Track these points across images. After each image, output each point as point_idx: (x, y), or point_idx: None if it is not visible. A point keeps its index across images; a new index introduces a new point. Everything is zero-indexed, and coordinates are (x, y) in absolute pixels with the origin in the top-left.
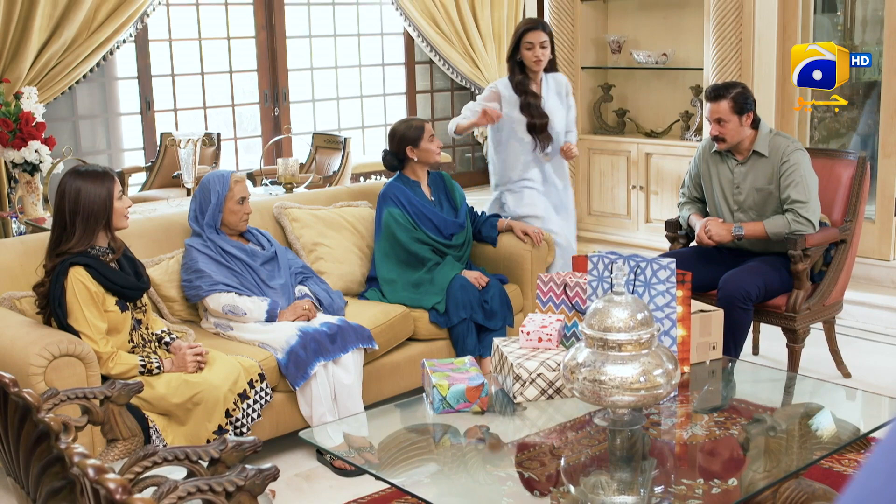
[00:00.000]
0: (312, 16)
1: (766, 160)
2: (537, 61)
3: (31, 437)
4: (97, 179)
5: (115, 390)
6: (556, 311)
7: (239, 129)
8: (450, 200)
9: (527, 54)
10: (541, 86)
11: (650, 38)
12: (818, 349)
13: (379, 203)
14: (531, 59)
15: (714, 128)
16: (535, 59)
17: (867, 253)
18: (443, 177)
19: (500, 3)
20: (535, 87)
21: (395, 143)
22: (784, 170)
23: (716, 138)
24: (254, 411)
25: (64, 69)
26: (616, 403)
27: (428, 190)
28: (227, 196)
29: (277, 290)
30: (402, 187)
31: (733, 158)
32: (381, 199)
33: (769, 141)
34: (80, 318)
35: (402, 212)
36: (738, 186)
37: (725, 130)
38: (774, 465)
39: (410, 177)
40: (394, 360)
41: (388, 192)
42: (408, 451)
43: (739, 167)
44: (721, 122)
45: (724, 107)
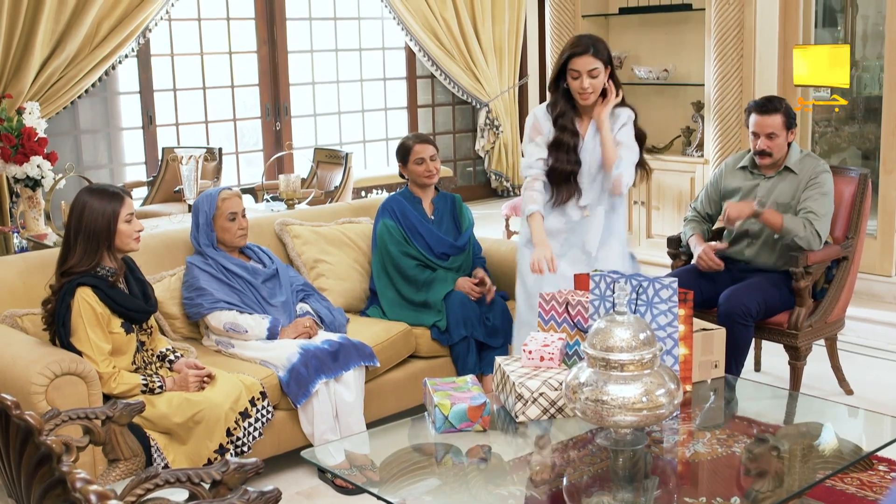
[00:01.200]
0: (314, 30)
1: (794, 177)
2: (584, 94)
3: (32, 459)
4: (104, 198)
5: (116, 410)
6: (557, 330)
7: (240, 144)
8: (455, 222)
9: (573, 84)
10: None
11: (651, 54)
12: (820, 365)
13: (377, 214)
14: (577, 91)
15: (763, 142)
16: (580, 90)
17: (869, 269)
18: (454, 199)
19: (501, 18)
20: (579, 123)
21: (397, 158)
22: (810, 184)
23: (762, 153)
24: (255, 430)
25: (66, 84)
26: (618, 423)
27: (430, 208)
28: (216, 215)
29: (279, 308)
30: (402, 201)
31: (759, 173)
32: (379, 210)
33: (800, 159)
34: (84, 339)
35: (395, 224)
36: (762, 202)
37: (774, 145)
38: (777, 484)
39: (414, 192)
40: (395, 377)
41: (386, 203)
42: (409, 470)
43: (765, 181)
44: (772, 136)
45: (778, 121)
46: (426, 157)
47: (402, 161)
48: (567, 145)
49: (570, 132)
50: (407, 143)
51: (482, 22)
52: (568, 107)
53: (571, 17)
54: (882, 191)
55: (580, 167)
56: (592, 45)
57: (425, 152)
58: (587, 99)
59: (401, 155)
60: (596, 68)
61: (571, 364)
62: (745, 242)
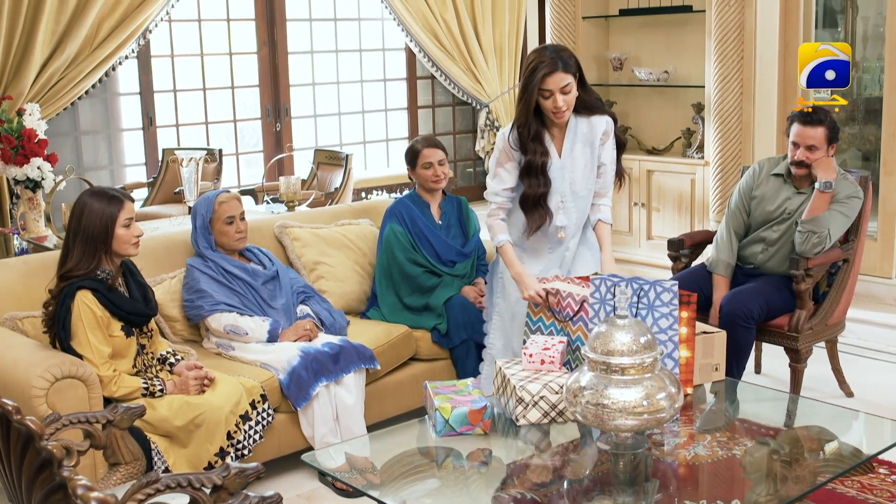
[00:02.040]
0: (314, 31)
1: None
2: (558, 114)
3: (33, 464)
4: (104, 201)
5: (117, 414)
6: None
7: (241, 145)
8: (462, 227)
9: (545, 104)
10: (561, 138)
11: (652, 56)
12: (820, 367)
13: (385, 217)
14: (551, 111)
15: (802, 152)
16: (554, 110)
17: (869, 270)
18: (460, 203)
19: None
20: (550, 140)
21: (405, 160)
22: (839, 203)
23: (800, 163)
24: (256, 433)
25: (66, 85)
26: (619, 427)
27: (438, 212)
28: (213, 218)
29: (279, 310)
30: (410, 205)
31: (793, 186)
32: (387, 214)
33: (838, 180)
34: (84, 342)
35: (403, 230)
36: (790, 213)
37: (813, 157)
38: (778, 487)
39: (422, 196)
40: (396, 379)
41: (395, 207)
42: (410, 473)
43: (798, 196)
44: (812, 148)
45: (821, 134)
46: (434, 161)
47: (411, 164)
48: (537, 167)
49: (541, 153)
50: (416, 146)
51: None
52: (541, 128)
53: (572, 18)
54: (882, 192)
55: (550, 187)
56: (560, 59)
57: (434, 157)
58: (562, 117)
59: (409, 158)
60: (568, 84)
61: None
62: (759, 247)
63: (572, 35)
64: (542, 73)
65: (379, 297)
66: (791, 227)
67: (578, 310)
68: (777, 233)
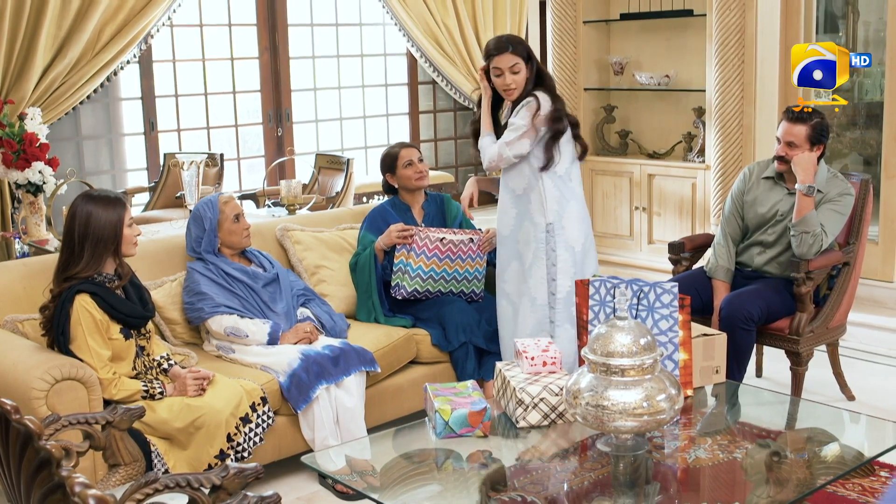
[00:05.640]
0: (315, 37)
1: (818, 196)
2: (508, 91)
3: (32, 464)
4: (109, 205)
5: (117, 415)
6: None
7: (242, 149)
8: (444, 220)
9: (497, 81)
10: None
11: (653, 60)
12: (822, 370)
13: (362, 225)
14: (501, 88)
15: (782, 148)
16: (504, 87)
17: (870, 274)
18: (442, 199)
19: (502, 23)
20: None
21: (382, 170)
22: (831, 201)
23: (780, 158)
24: (256, 435)
25: (68, 89)
26: (619, 429)
27: (421, 213)
28: (221, 219)
29: (279, 313)
30: (389, 210)
31: (784, 187)
32: (365, 223)
33: (828, 179)
34: (83, 346)
35: (376, 238)
36: (783, 215)
37: (792, 153)
38: (779, 489)
39: (404, 199)
40: (396, 382)
41: (371, 213)
42: (410, 475)
43: (789, 196)
44: (791, 145)
45: (801, 132)
46: (414, 159)
47: (390, 170)
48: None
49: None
50: (392, 150)
51: (483, 28)
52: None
53: (573, 23)
54: (883, 196)
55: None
56: (510, 43)
57: (412, 155)
58: (511, 94)
59: (387, 164)
60: (516, 63)
61: None
62: (757, 250)
63: (573, 39)
64: (492, 53)
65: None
66: (786, 228)
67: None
68: (773, 235)
